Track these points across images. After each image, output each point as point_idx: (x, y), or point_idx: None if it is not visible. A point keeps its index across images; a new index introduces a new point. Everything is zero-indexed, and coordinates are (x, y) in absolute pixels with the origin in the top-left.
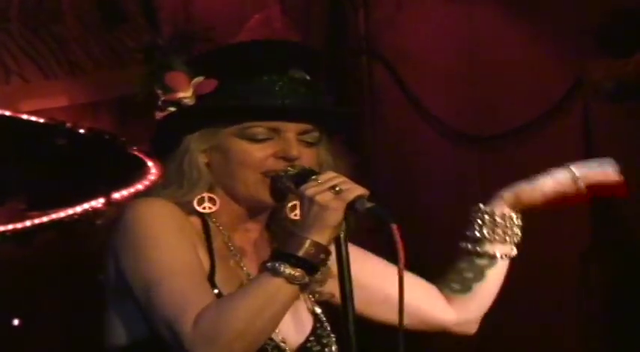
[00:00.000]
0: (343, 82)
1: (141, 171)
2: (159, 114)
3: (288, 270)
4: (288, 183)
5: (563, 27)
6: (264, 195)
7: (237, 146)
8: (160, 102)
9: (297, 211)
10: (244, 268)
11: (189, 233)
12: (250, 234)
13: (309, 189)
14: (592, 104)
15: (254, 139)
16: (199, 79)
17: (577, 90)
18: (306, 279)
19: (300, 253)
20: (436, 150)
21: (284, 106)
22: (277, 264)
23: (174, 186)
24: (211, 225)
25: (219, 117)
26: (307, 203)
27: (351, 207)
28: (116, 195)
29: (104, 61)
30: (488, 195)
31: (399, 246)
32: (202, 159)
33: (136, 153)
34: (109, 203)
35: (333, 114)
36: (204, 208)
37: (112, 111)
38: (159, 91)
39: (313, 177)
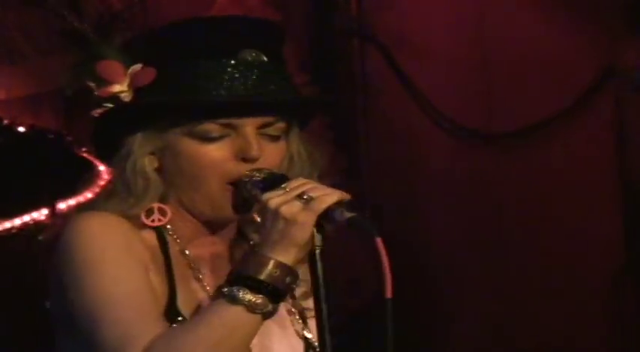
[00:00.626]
0: (331, 71)
1: (91, 176)
2: (96, 112)
3: (248, 297)
4: (253, 191)
5: (589, 8)
6: (226, 207)
7: (189, 147)
8: (94, 98)
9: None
10: (209, 289)
11: (139, 252)
12: (216, 248)
13: (273, 199)
14: (624, 96)
15: (207, 138)
16: (136, 67)
17: (607, 80)
18: (270, 307)
19: (262, 276)
20: (441, 150)
21: (233, 99)
22: (235, 290)
23: (120, 197)
24: (169, 239)
25: (162, 114)
26: (271, 216)
27: (326, 217)
28: (62, 205)
29: (46, 45)
30: (502, 201)
31: (385, 263)
32: (150, 164)
33: (85, 155)
34: (54, 214)
35: (296, 103)
36: (152, 221)
37: (57, 106)
38: (91, 85)
39: (283, 185)
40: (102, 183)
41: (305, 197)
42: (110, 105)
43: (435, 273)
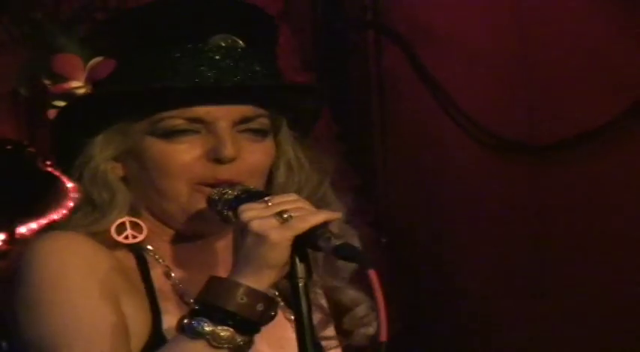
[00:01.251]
0: (341, 69)
1: (57, 194)
2: (51, 113)
3: (209, 329)
4: (224, 212)
5: None
6: (201, 214)
7: (152, 147)
8: (47, 96)
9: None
10: None
11: (106, 277)
12: (206, 265)
13: (247, 212)
14: None
15: (171, 136)
16: (96, 60)
17: None
18: (239, 340)
19: (228, 305)
20: (469, 160)
21: (195, 85)
22: (196, 322)
23: (83, 211)
24: (148, 258)
25: (121, 110)
26: (242, 232)
27: (310, 242)
28: (22, 230)
29: (3, 38)
30: (545, 224)
31: (380, 299)
32: (113, 172)
33: (50, 169)
34: (12, 240)
35: (272, 90)
36: (126, 238)
37: (17, 110)
38: (46, 82)
39: (266, 198)
40: (71, 203)
41: (284, 215)
42: (62, 104)
43: (467, 309)
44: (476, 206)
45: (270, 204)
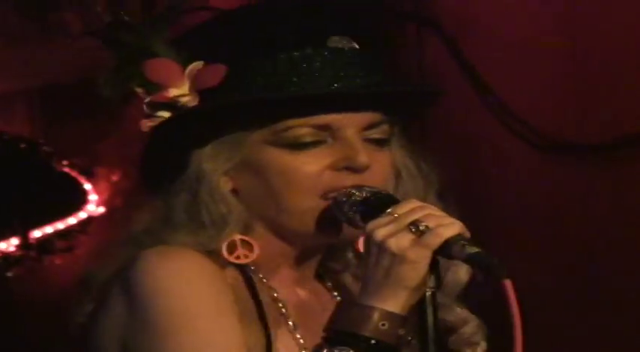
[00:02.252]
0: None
1: (74, 196)
2: (146, 124)
3: None
4: (350, 214)
5: None
6: (318, 225)
7: (275, 159)
8: (145, 106)
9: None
10: (300, 340)
11: (229, 300)
12: (303, 286)
13: (379, 230)
14: None
15: (298, 146)
16: (197, 64)
17: None
18: None
19: (367, 332)
20: (519, 166)
21: (332, 91)
22: (336, 351)
23: (189, 228)
24: (255, 278)
25: (240, 120)
26: (376, 251)
27: (442, 251)
28: (36, 234)
29: (20, 33)
30: (596, 225)
31: (516, 313)
32: (226, 185)
33: (66, 169)
34: (26, 245)
35: (416, 94)
36: (237, 258)
37: (33, 107)
38: (139, 90)
39: (389, 210)
40: (89, 206)
41: (420, 227)
42: (165, 115)
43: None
44: (525, 210)
45: (396, 215)
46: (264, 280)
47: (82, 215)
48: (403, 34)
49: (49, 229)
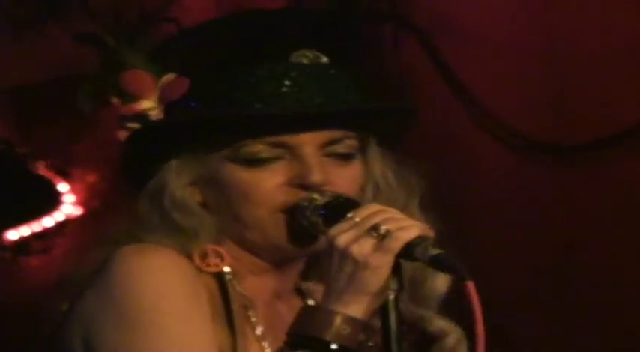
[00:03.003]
0: (357, 62)
1: (50, 198)
2: (121, 134)
3: None
4: (313, 219)
5: None
6: (282, 237)
7: (233, 174)
8: (119, 117)
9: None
10: (267, 350)
11: (204, 301)
12: (281, 300)
13: (342, 236)
14: None
15: (254, 162)
16: (168, 78)
17: None
18: None
19: (328, 336)
20: (492, 162)
21: (283, 112)
22: None
23: (164, 232)
24: (229, 287)
25: (200, 135)
26: (338, 257)
27: (405, 254)
28: (12, 236)
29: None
30: (577, 232)
31: (478, 313)
32: (193, 197)
33: (42, 171)
34: (2, 247)
35: (366, 114)
36: (208, 266)
37: (7, 107)
38: (114, 100)
39: (349, 215)
40: (65, 208)
41: (380, 231)
42: (135, 126)
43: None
44: (500, 209)
45: (357, 219)
46: (238, 288)
47: (59, 216)
48: (380, 34)
49: (25, 230)
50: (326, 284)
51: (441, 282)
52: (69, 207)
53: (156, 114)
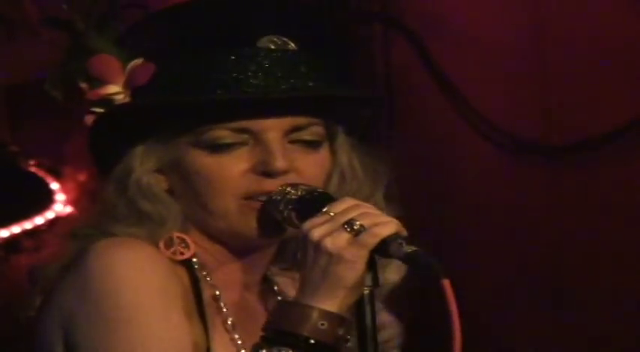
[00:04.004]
0: (345, 63)
1: (41, 196)
2: (88, 119)
3: None
4: (286, 212)
5: None
6: (248, 228)
7: (196, 161)
8: (86, 102)
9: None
10: (238, 340)
11: (179, 294)
12: (250, 290)
13: (315, 230)
14: None
15: (218, 148)
16: (136, 62)
17: None
18: None
19: (306, 332)
20: (482, 162)
21: (242, 96)
22: (275, 351)
23: (130, 221)
24: (199, 276)
25: (163, 120)
26: (312, 251)
27: (380, 250)
28: (3, 233)
29: None
30: (565, 233)
31: (454, 313)
32: (159, 184)
33: (33, 169)
34: None
35: (328, 99)
36: (174, 253)
37: None
38: (83, 85)
39: (324, 209)
40: (56, 205)
41: (354, 226)
42: (100, 110)
43: (480, 321)
44: (489, 210)
45: (332, 214)
46: (208, 278)
47: (50, 214)
48: (371, 34)
49: (16, 229)
50: (301, 278)
51: (393, 274)
52: (60, 205)
53: (121, 98)
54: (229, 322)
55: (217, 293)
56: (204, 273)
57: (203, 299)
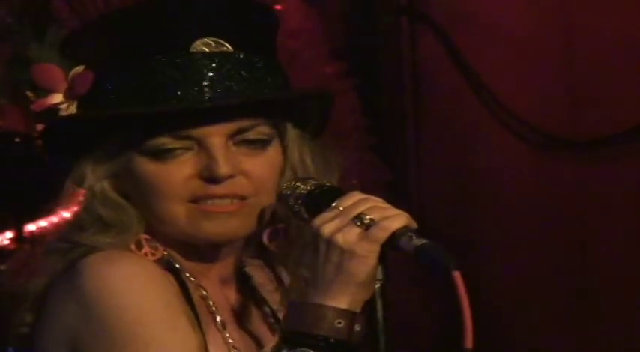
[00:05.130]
0: (373, 59)
1: (67, 190)
2: (39, 127)
3: None
4: (296, 207)
5: None
6: (201, 232)
7: (142, 167)
8: (33, 113)
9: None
10: (229, 339)
11: (180, 301)
12: (228, 286)
13: (326, 226)
14: None
15: (161, 154)
16: (77, 70)
17: None
18: None
19: (323, 331)
20: (513, 161)
21: (178, 106)
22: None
23: (96, 228)
24: (183, 277)
25: (106, 130)
26: (324, 248)
27: (390, 244)
28: (31, 227)
29: None
30: (585, 221)
31: (465, 304)
32: (114, 190)
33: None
34: (20, 238)
35: (266, 103)
36: (145, 254)
37: (22, 101)
38: (29, 93)
39: (333, 204)
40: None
41: (364, 220)
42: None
43: (507, 313)
44: (516, 205)
45: (341, 208)
46: (192, 278)
47: (75, 209)
48: (397, 27)
49: (44, 223)
50: (312, 276)
51: None
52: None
53: (65, 108)
54: (219, 320)
55: (204, 293)
56: (187, 275)
57: (194, 301)
